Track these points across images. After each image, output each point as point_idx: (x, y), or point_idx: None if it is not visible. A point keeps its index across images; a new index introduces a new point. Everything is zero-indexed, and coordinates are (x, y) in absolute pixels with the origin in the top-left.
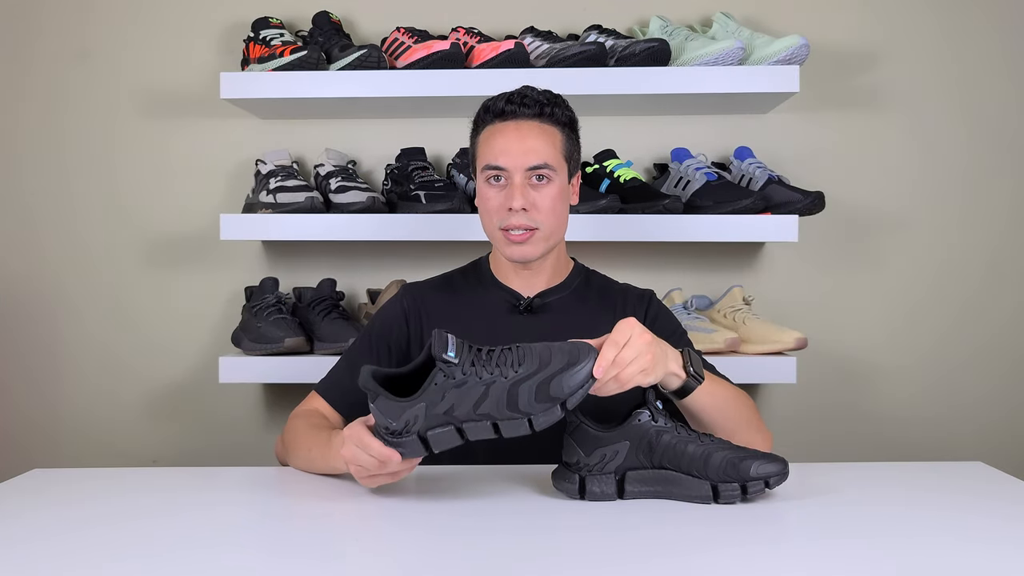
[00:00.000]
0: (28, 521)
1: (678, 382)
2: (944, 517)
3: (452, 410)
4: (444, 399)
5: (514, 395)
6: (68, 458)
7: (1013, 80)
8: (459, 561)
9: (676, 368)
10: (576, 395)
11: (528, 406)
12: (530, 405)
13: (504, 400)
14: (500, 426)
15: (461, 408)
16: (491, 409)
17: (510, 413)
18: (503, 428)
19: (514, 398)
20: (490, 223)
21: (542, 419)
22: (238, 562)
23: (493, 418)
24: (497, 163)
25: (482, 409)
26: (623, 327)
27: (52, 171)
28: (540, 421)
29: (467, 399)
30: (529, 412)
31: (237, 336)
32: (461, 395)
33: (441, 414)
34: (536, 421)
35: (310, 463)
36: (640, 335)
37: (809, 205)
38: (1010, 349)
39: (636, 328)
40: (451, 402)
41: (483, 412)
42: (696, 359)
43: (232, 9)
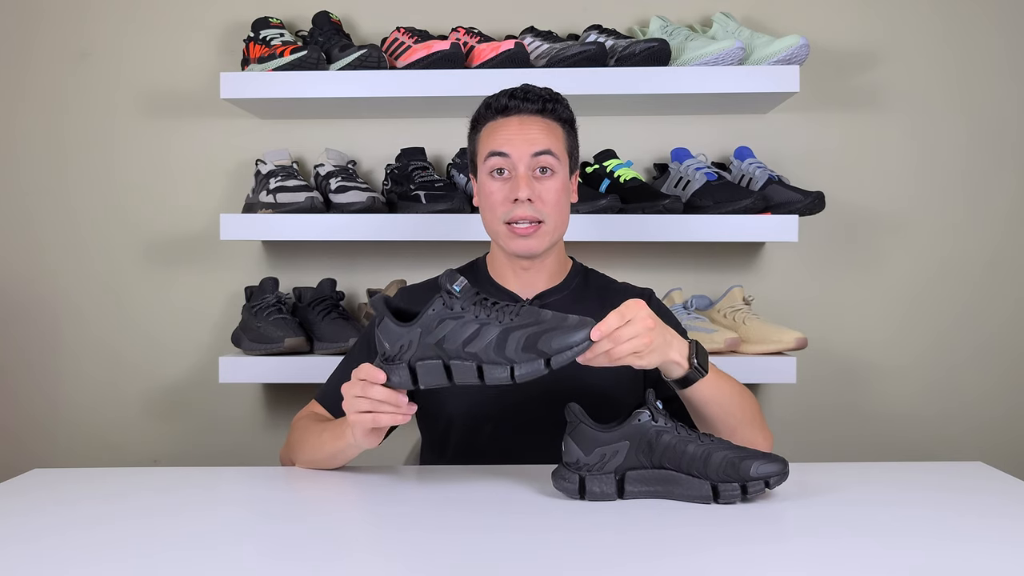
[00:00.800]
0: (28, 521)
1: (681, 372)
2: (944, 517)
3: (443, 342)
4: (438, 328)
5: (503, 340)
6: (68, 458)
7: (1013, 80)
8: (459, 561)
9: (679, 358)
10: (563, 354)
11: (514, 353)
12: (516, 353)
13: (493, 343)
14: (484, 370)
15: (451, 342)
16: (478, 349)
17: (495, 357)
18: (486, 372)
19: (503, 343)
20: (493, 218)
21: (524, 369)
22: (238, 562)
23: (479, 359)
24: (501, 149)
25: (470, 347)
26: (632, 305)
27: (52, 171)
28: (521, 371)
29: (459, 334)
30: (513, 360)
31: (237, 336)
32: (454, 329)
33: (432, 344)
34: (518, 370)
35: (319, 448)
36: (644, 318)
37: (809, 205)
38: (1010, 349)
39: (644, 311)
40: (443, 333)
41: (471, 351)
42: (703, 353)
43: (232, 9)
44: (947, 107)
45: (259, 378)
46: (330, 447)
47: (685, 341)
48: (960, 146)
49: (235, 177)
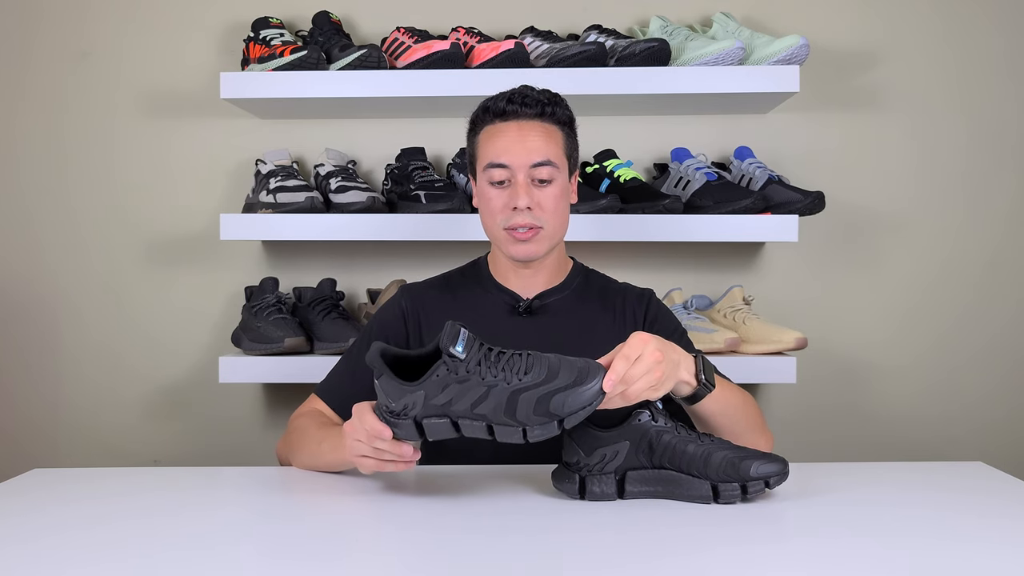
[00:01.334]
0: (28, 521)
1: (689, 389)
2: (944, 517)
3: (450, 404)
4: (444, 392)
5: (513, 403)
6: (68, 458)
7: (1013, 80)
8: (459, 561)
9: (688, 376)
10: (576, 415)
11: (526, 417)
12: (527, 416)
13: (503, 406)
14: (495, 429)
15: (459, 404)
16: (488, 411)
17: (506, 419)
18: (497, 432)
19: (513, 406)
20: (493, 223)
21: (537, 432)
22: (238, 562)
23: (489, 420)
24: (500, 161)
25: (479, 409)
26: (636, 342)
27: (52, 171)
28: (535, 434)
29: (466, 397)
30: (525, 423)
31: (237, 336)
32: (461, 392)
33: (439, 405)
34: (531, 433)
35: (319, 457)
36: (652, 353)
37: (809, 205)
38: (1010, 349)
39: (649, 345)
40: (450, 396)
41: (480, 413)
42: (709, 366)
43: (232, 9)
44: (947, 107)
45: (259, 378)
46: (328, 458)
47: (691, 356)
48: (960, 146)
49: (235, 177)
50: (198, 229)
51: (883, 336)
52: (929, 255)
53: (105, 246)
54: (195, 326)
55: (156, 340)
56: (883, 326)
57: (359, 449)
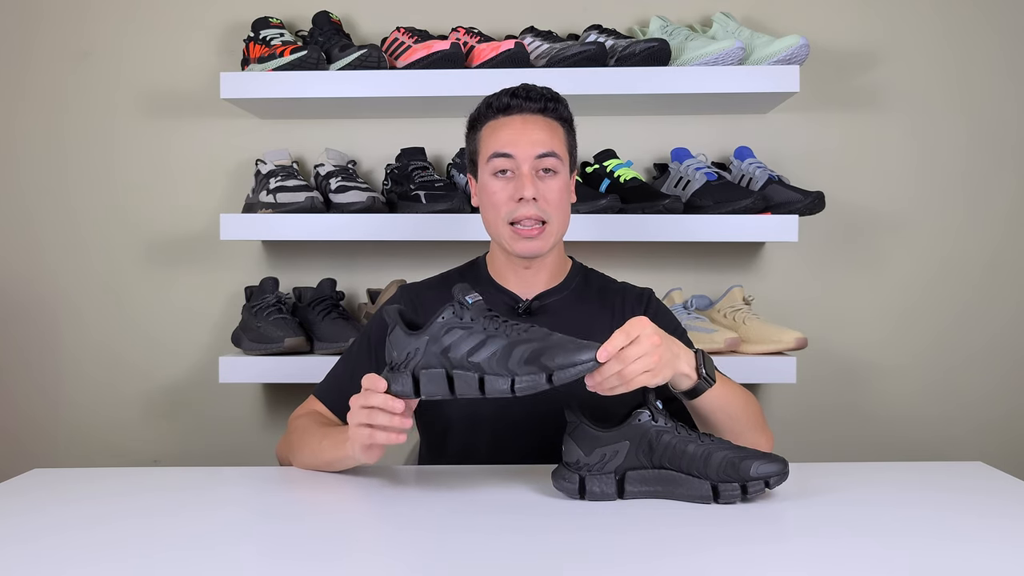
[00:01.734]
0: (28, 521)
1: (689, 383)
2: (944, 517)
3: (448, 351)
4: (445, 336)
5: (507, 352)
6: (68, 458)
7: (1013, 80)
8: (459, 561)
9: (687, 369)
10: (566, 371)
11: (516, 366)
12: (518, 366)
13: (497, 354)
14: (485, 381)
15: (457, 351)
16: (482, 360)
17: (497, 368)
18: (487, 383)
19: (506, 355)
20: (496, 218)
21: (524, 382)
22: (239, 562)
23: (481, 370)
24: (505, 150)
25: (474, 357)
26: (636, 323)
27: (52, 171)
28: (521, 384)
29: (465, 343)
30: (515, 372)
31: (237, 336)
32: (461, 338)
33: (438, 352)
34: (518, 382)
35: (319, 454)
36: (650, 336)
37: (809, 205)
38: (1010, 349)
39: (648, 328)
40: (450, 341)
41: (474, 361)
42: (710, 362)
43: (232, 9)
44: (947, 107)
45: (259, 378)
46: (329, 455)
47: (691, 351)
48: (960, 146)
49: (235, 177)
50: (198, 229)
51: (883, 336)
52: (929, 255)
53: (105, 246)
54: (195, 326)
55: (156, 340)
56: (883, 326)
57: (357, 416)
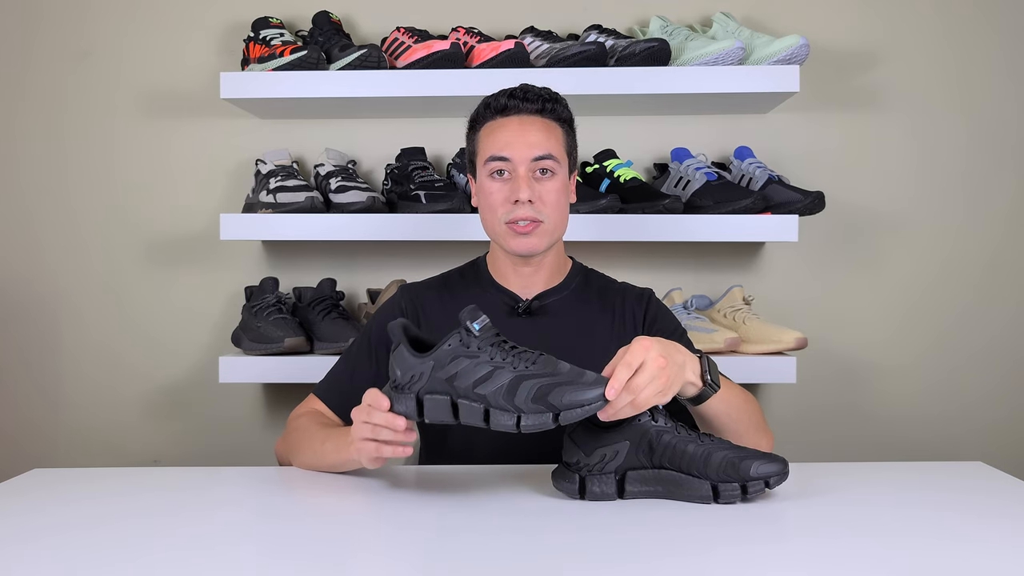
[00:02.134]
0: (28, 521)
1: (695, 390)
2: (944, 517)
3: (454, 379)
4: (451, 364)
5: (514, 387)
6: (68, 458)
7: (1013, 80)
8: (459, 561)
9: (693, 377)
10: (573, 411)
11: (523, 403)
12: (525, 403)
13: (504, 388)
14: (490, 414)
15: (462, 380)
16: (488, 392)
17: (504, 403)
18: (492, 417)
19: (513, 390)
20: (493, 217)
21: (530, 421)
22: (238, 562)
23: (487, 402)
24: (502, 154)
25: (480, 389)
26: (637, 350)
27: (52, 171)
28: (527, 422)
29: (471, 374)
30: (521, 409)
31: (237, 336)
32: (467, 368)
33: (443, 380)
34: (524, 420)
35: (322, 456)
36: (655, 359)
37: (809, 205)
38: (1010, 349)
39: (652, 351)
40: (456, 370)
41: (480, 393)
42: (714, 367)
43: (232, 9)
44: (947, 107)
45: (259, 378)
46: (332, 459)
47: (696, 357)
48: (960, 146)
49: (235, 177)
50: (198, 229)
51: (883, 336)
52: (929, 255)
53: (105, 246)
54: (195, 326)
55: (156, 340)
56: (883, 326)
57: (361, 431)
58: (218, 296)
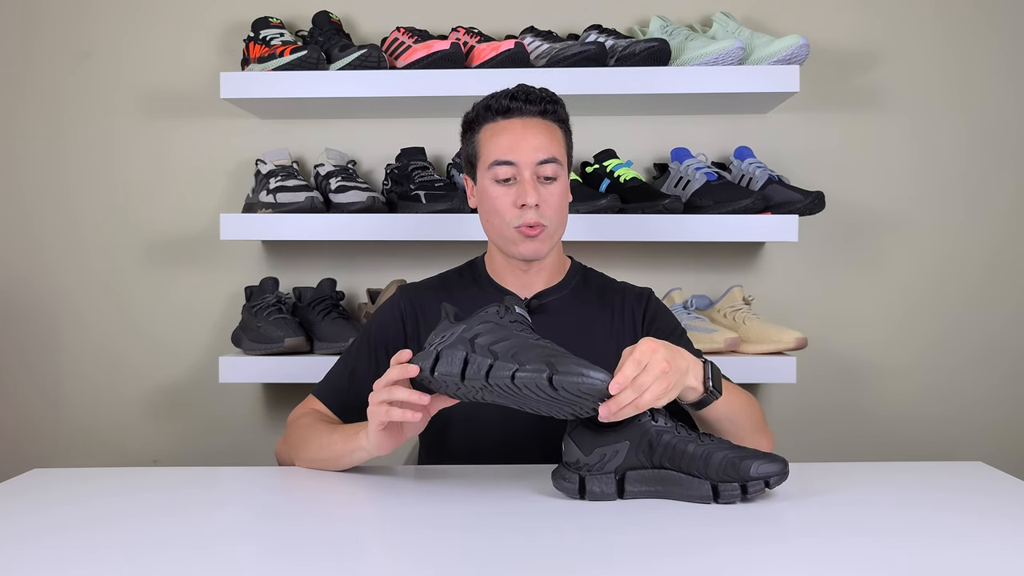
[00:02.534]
0: (28, 521)
1: (696, 396)
2: (944, 517)
3: (476, 338)
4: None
5: (526, 349)
6: (68, 458)
7: (1013, 80)
8: (459, 561)
9: (695, 383)
10: (569, 377)
11: (526, 359)
12: (528, 360)
13: (516, 349)
14: (493, 367)
15: (483, 339)
16: (501, 350)
17: (509, 359)
18: (494, 368)
19: (524, 351)
20: (501, 223)
21: (525, 374)
22: (238, 562)
23: (495, 356)
24: (507, 158)
25: (496, 347)
26: (645, 348)
27: (52, 171)
28: (523, 374)
29: (493, 335)
30: (521, 362)
31: (237, 336)
32: (492, 330)
33: (467, 339)
34: (519, 372)
35: (328, 447)
36: (659, 361)
37: (809, 205)
38: (1010, 349)
39: (658, 353)
40: (482, 331)
41: (494, 349)
42: (717, 373)
43: (232, 9)
44: (947, 107)
45: (259, 378)
46: (340, 447)
47: (699, 362)
48: (960, 146)
49: (235, 177)
50: (198, 229)
51: (883, 336)
52: (929, 255)
53: (105, 246)
54: (195, 326)
55: (156, 340)
56: (883, 326)
57: (377, 395)
58: (218, 296)
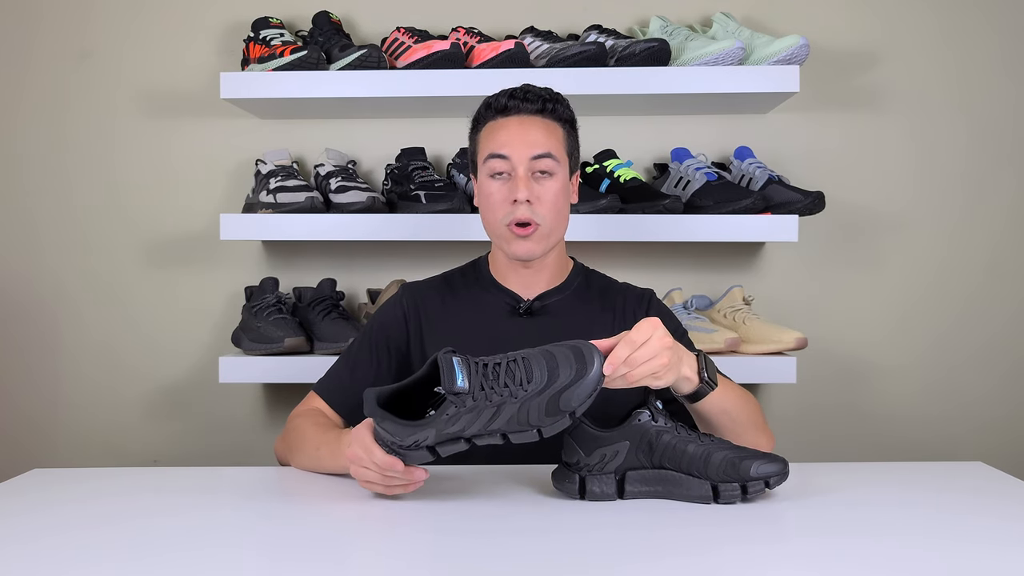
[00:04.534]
0: (28, 521)
1: (691, 387)
2: (944, 517)
3: (463, 431)
4: (457, 423)
5: (524, 412)
6: (68, 458)
7: (1013, 80)
8: (459, 561)
9: (690, 373)
10: (584, 404)
11: (538, 420)
12: (540, 419)
13: (515, 418)
14: (510, 436)
15: (472, 428)
16: (501, 425)
17: (519, 427)
18: (512, 438)
19: (524, 415)
20: (494, 218)
21: (551, 428)
22: (238, 562)
23: (503, 431)
24: (501, 151)
25: (493, 426)
26: (645, 327)
27: (52, 171)
28: (549, 430)
29: (479, 421)
30: (539, 424)
31: (237, 336)
32: (472, 418)
33: (452, 435)
34: (545, 431)
35: (317, 462)
36: (660, 338)
37: (809, 205)
38: (1010, 349)
39: (658, 331)
40: (463, 425)
41: (494, 429)
42: (711, 365)
43: (232, 9)
44: (946, 107)
45: (259, 378)
46: (328, 464)
47: (693, 355)
48: (959, 146)
49: (235, 177)
50: (198, 229)
51: (883, 336)
52: (929, 255)
53: (105, 246)
54: (195, 326)
55: (156, 340)
56: (883, 326)
57: (367, 476)
58: (218, 296)
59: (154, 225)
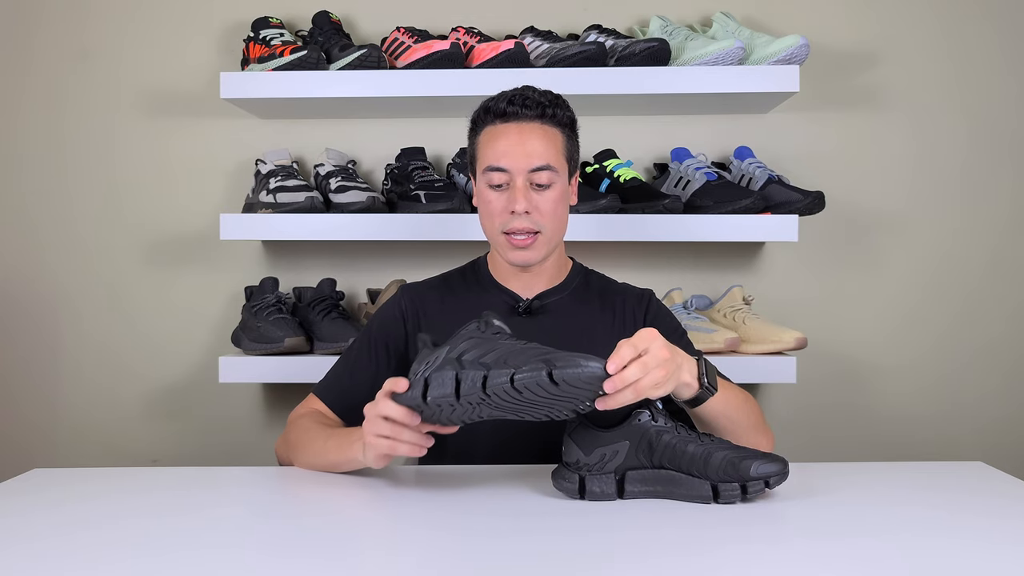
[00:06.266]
0: (28, 521)
1: (691, 392)
2: (944, 517)
3: (463, 355)
4: (463, 344)
5: (516, 354)
6: (68, 458)
7: (1013, 79)
8: (459, 561)
9: (689, 379)
10: (568, 370)
11: (520, 362)
12: (522, 364)
13: (506, 356)
14: (488, 377)
15: (471, 355)
16: (492, 360)
17: (502, 365)
18: (490, 378)
19: (515, 356)
20: (492, 226)
21: (525, 374)
22: (238, 562)
23: (487, 367)
24: (499, 164)
25: (485, 359)
26: (645, 335)
27: (52, 171)
28: (521, 376)
29: (479, 348)
30: (517, 366)
31: (237, 336)
32: (478, 344)
33: (453, 359)
34: (518, 375)
35: (323, 455)
36: (661, 349)
37: (809, 205)
38: (1010, 349)
39: (657, 341)
40: (467, 348)
41: (485, 361)
42: (711, 369)
43: (232, 9)
44: (946, 107)
45: (259, 378)
46: (334, 456)
47: (692, 359)
48: (959, 146)
49: (235, 177)
50: (198, 229)
51: (883, 336)
52: (929, 254)
53: (105, 246)
54: (195, 326)
55: (156, 340)
56: (883, 326)
57: (377, 427)
58: (218, 296)
59: (154, 225)
